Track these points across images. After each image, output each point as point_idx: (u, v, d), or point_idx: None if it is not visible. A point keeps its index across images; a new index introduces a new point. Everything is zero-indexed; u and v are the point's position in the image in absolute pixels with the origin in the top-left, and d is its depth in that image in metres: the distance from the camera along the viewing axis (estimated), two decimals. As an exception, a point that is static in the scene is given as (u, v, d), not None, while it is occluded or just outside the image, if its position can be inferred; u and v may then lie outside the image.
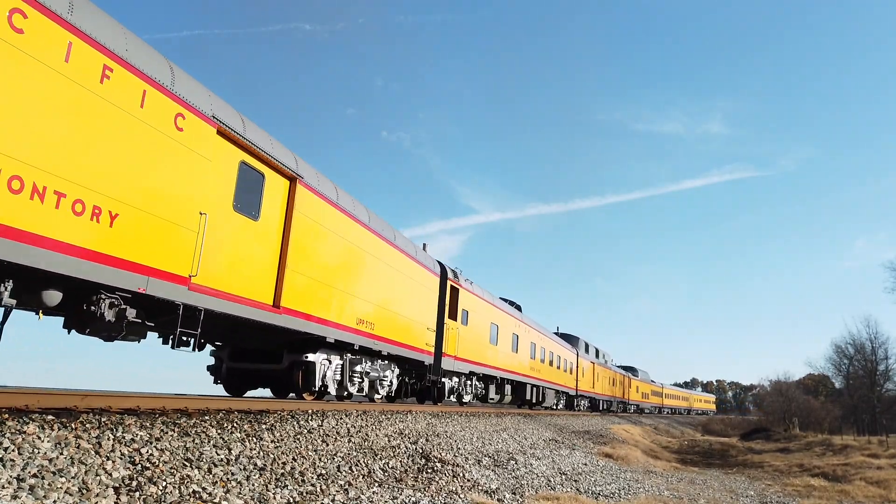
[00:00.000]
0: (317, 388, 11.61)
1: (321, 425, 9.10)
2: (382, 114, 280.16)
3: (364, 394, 13.92)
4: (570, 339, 41.90)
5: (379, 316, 13.50)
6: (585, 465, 16.22)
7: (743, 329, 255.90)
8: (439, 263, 18.37)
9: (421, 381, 17.23)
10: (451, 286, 18.88)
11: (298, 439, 8.07)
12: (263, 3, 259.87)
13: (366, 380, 13.65)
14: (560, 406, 35.83)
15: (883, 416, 51.09)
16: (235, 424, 7.47)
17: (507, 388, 25.00)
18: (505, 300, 26.74)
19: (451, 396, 19.15)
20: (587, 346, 46.14)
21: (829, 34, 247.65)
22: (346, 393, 12.93)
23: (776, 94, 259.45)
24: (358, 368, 13.11)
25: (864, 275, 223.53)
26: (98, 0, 6.88)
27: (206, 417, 7.34)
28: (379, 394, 14.43)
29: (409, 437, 10.91)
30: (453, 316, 18.80)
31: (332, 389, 12.25)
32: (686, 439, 41.35)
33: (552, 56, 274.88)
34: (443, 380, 17.99)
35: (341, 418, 10.01)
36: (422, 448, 10.53)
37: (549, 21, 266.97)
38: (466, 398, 20.67)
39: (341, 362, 12.48)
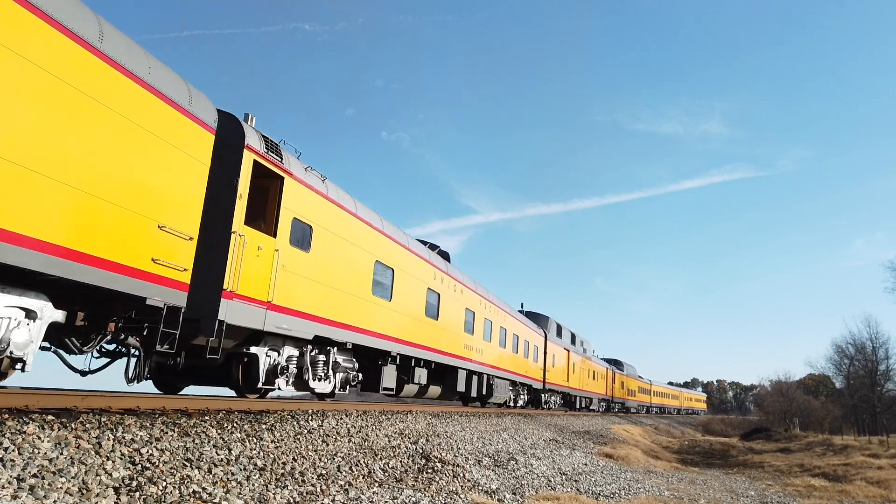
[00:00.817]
0: None
1: (321, 425, 9.10)
2: (382, 114, 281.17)
3: None
4: (536, 318, 32.30)
5: None
6: (586, 465, 16.21)
7: (743, 329, 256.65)
8: (221, 112, 9.18)
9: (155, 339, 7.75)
10: (259, 165, 9.62)
11: (298, 439, 8.07)
12: (263, 4, 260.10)
13: None
14: (521, 403, 27.71)
15: (883, 416, 51.05)
16: (235, 424, 7.47)
17: (420, 373, 16.12)
18: (424, 242, 17.92)
19: (283, 381, 10.59)
20: (560, 328, 35.27)
21: (828, 36, 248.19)
22: None
23: (775, 95, 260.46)
24: None
25: (863, 275, 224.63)
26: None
27: (206, 417, 7.34)
28: None
29: (410, 437, 10.91)
30: (265, 226, 9.95)
31: None
32: (686, 439, 41.34)
33: (552, 56, 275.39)
34: (254, 349, 9.83)
35: (341, 418, 10.01)
36: (422, 448, 10.53)
37: (549, 22, 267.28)
38: (322, 386, 11.74)
39: None
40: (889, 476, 18.43)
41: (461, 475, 9.90)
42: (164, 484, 5.31)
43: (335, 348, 12.19)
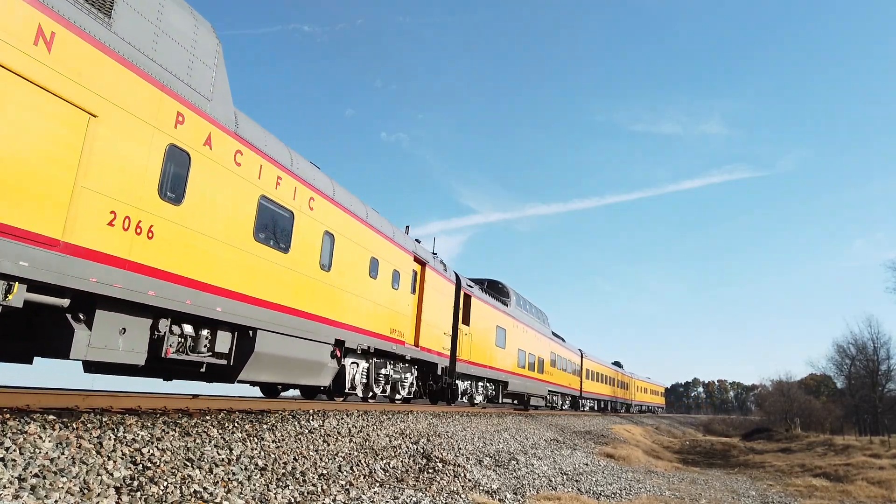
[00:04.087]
0: None
1: (322, 425, 9.10)
2: (382, 115, 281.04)
3: None
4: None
5: None
6: (587, 465, 16.20)
7: (744, 329, 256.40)
8: None
9: None
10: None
11: (300, 439, 8.06)
12: (262, 5, 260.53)
13: None
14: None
15: (885, 416, 50.94)
16: (237, 424, 7.47)
17: None
18: None
19: None
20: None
21: (828, 36, 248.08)
22: None
23: (775, 95, 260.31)
24: None
25: (863, 275, 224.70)
26: None
27: (208, 417, 7.34)
28: None
29: (411, 437, 10.90)
30: None
31: None
32: (687, 439, 41.32)
33: (551, 57, 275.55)
34: None
35: (342, 418, 10.01)
36: (423, 448, 10.53)
37: (548, 23, 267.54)
38: None
39: None
40: (890, 476, 18.40)
41: (462, 475, 9.89)
42: (166, 484, 5.31)
43: None
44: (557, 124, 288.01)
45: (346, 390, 12.56)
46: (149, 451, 5.65)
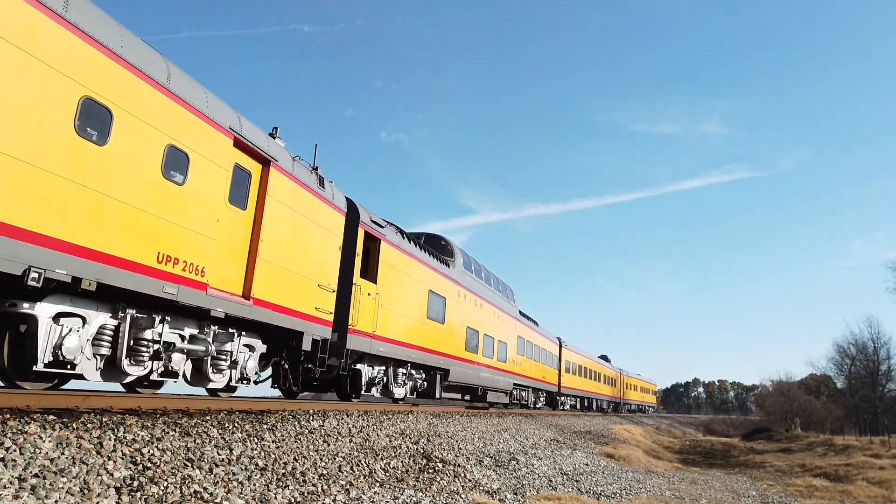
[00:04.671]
0: None
1: (322, 425, 9.10)
2: (381, 115, 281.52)
3: None
4: None
5: None
6: (587, 465, 16.20)
7: (744, 329, 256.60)
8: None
9: None
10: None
11: (300, 439, 8.06)
12: (262, 5, 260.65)
13: None
14: None
15: (885, 417, 50.92)
16: (237, 424, 7.47)
17: None
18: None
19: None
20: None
21: (828, 36, 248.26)
22: None
23: (775, 95, 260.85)
24: None
25: (863, 275, 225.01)
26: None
27: (208, 417, 7.34)
28: None
29: (411, 437, 10.90)
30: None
31: None
32: (688, 439, 41.32)
33: (551, 57, 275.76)
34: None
35: (342, 418, 10.01)
36: (423, 448, 10.53)
37: (548, 23, 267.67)
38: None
39: None
40: (890, 476, 18.40)
41: (462, 475, 9.90)
42: (166, 484, 5.31)
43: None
44: (557, 124, 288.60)
45: (43, 366, 6.58)
46: (149, 452, 5.65)
